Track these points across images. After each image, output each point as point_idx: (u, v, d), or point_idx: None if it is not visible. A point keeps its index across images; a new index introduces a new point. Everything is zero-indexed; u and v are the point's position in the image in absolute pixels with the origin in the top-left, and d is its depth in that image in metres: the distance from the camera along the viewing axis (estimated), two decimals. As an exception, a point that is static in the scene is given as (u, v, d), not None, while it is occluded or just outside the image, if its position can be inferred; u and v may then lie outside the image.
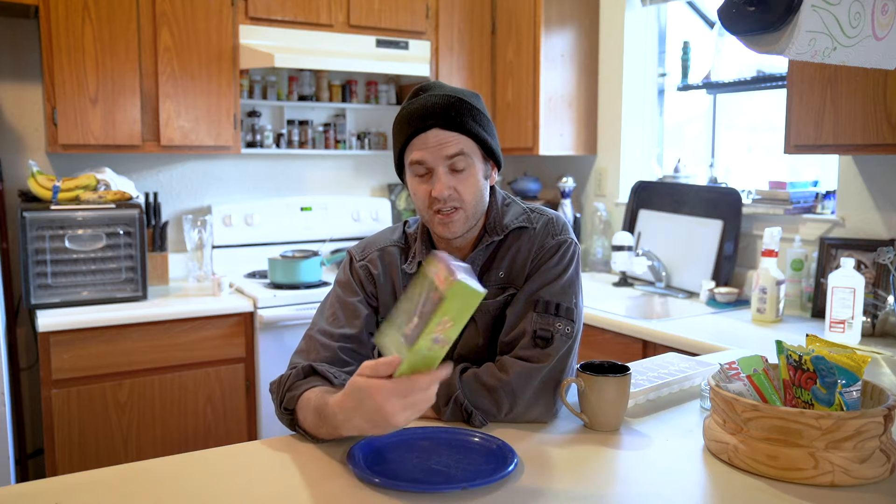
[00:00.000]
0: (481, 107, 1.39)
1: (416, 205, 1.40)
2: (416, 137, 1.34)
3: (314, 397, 1.22)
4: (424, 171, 1.35)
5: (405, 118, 1.36)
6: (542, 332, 1.35)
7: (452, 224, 1.36)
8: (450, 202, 1.34)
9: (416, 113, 1.35)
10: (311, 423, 1.22)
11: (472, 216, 1.38)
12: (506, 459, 1.15)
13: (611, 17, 3.39)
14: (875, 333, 2.26)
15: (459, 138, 1.34)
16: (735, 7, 1.17)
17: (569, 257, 1.42)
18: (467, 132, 1.34)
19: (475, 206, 1.38)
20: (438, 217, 1.36)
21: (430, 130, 1.33)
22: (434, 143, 1.33)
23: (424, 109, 1.34)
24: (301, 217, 3.46)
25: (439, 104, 1.34)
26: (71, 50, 2.69)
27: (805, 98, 2.24)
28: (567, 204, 3.46)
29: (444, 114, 1.33)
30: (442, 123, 1.33)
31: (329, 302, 1.46)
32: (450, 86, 1.41)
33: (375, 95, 3.60)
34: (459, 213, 1.36)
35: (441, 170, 1.34)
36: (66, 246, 2.62)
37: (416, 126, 1.34)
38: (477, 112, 1.37)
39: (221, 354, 2.78)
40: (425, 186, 1.36)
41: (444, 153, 1.33)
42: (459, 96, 1.36)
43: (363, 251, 1.49)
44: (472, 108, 1.36)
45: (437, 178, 1.33)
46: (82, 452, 2.56)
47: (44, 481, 1.15)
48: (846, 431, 1.09)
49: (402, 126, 1.37)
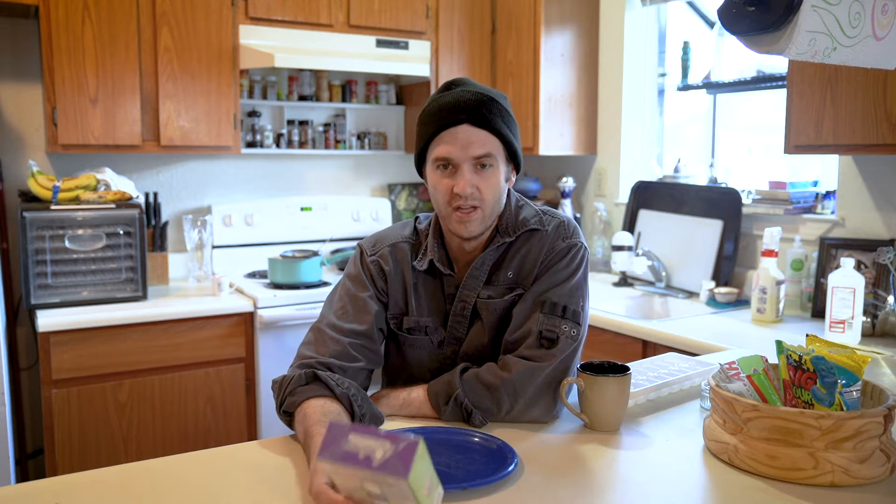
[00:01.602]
0: (509, 108, 1.40)
1: (434, 199, 1.39)
2: (446, 131, 1.34)
3: (311, 414, 1.22)
4: (448, 165, 1.35)
5: (435, 111, 1.36)
6: (547, 333, 1.35)
7: (470, 223, 1.36)
8: (470, 200, 1.34)
9: (448, 106, 1.34)
10: (300, 436, 1.23)
11: (489, 216, 1.38)
12: (506, 459, 1.15)
13: (611, 17, 3.39)
14: (875, 333, 2.26)
15: (488, 138, 1.34)
16: (735, 7, 1.17)
17: (578, 261, 1.42)
18: (496, 132, 1.34)
19: (493, 207, 1.38)
20: (457, 214, 1.35)
21: (460, 126, 1.33)
22: (463, 139, 1.33)
23: (457, 104, 1.33)
24: (301, 217, 3.46)
25: (472, 100, 1.34)
26: (71, 50, 2.69)
27: (805, 98, 2.24)
28: (567, 204, 3.45)
29: (475, 110, 1.33)
30: (473, 120, 1.33)
31: (338, 295, 1.45)
32: (480, 84, 1.41)
33: (375, 95, 3.60)
34: (478, 213, 1.35)
35: (466, 166, 1.33)
36: (66, 246, 2.62)
37: (447, 120, 1.33)
38: (506, 113, 1.37)
39: (221, 354, 2.78)
40: (448, 181, 1.35)
41: (471, 153, 1.33)
42: (491, 95, 1.36)
43: (374, 246, 1.48)
44: (501, 108, 1.36)
45: (462, 175, 1.33)
46: (82, 452, 2.56)
47: (44, 481, 1.15)
48: (846, 431, 1.09)
49: (432, 118, 1.36)
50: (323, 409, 1.22)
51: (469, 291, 1.42)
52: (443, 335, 1.45)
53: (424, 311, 1.45)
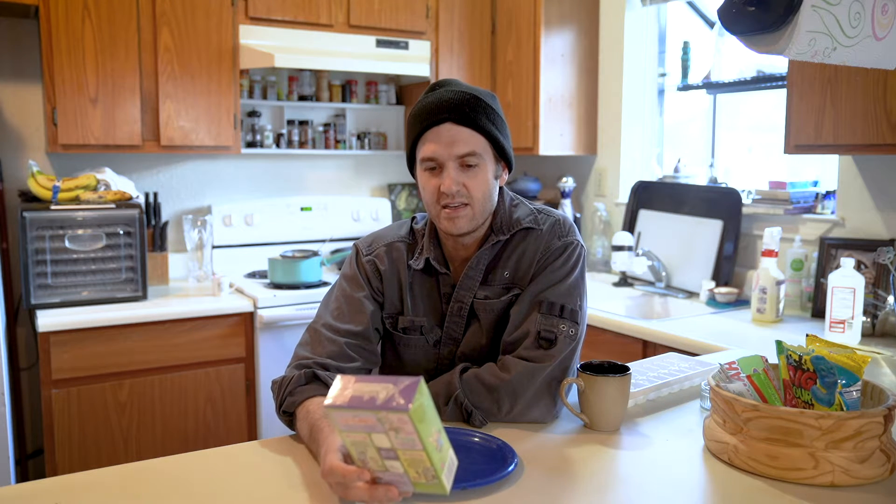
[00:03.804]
0: (496, 107, 1.40)
1: (424, 199, 1.40)
2: (430, 131, 1.35)
3: (314, 410, 1.22)
4: (435, 166, 1.36)
5: (419, 111, 1.37)
6: (546, 333, 1.35)
7: (458, 220, 1.36)
8: (458, 198, 1.34)
9: (430, 106, 1.35)
10: (304, 435, 1.23)
11: (479, 214, 1.38)
12: (506, 459, 1.15)
13: (611, 17, 3.39)
14: (875, 333, 2.26)
15: (472, 136, 1.34)
16: (735, 7, 1.17)
17: (574, 259, 1.42)
18: (480, 129, 1.35)
19: (483, 204, 1.38)
20: (445, 212, 1.36)
21: (443, 124, 1.33)
22: (447, 138, 1.33)
23: (439, 103, 1.35)
24: (301, 217, 3.46)
25: (454, 99, 1.35)
26: (71, 50, 2.69)
27: (805, 98, 2.24)
28: (567, 204, 3.45)
29: (457, 109, 1.34)
30: (455, 118, 1.33)
31: (334, 296, 1.45)
32: (466, 84, 1.41)
33: (375, 95, 3.60)
34: (467, 210, 1.36)
35: (451, 164, 1.34)
36: (66, 246, 2.62)
37: (430, 119, 1.34)
38: (491, 111, 1.38)
39: (221, 354, 2.78)
40: (435, 181, 1.36)
41: (455, 151, 1.33)
42: (475, 94, 1.37)
43: (370, 246, 1.48)
44: (486, 106, 1.37)
45: (447, 173, 1.34)
46: (82, 452, 2.56)
47: (44, 481, 1.15)
48: (846, 431, 1.09)
49: (416, 119, 1.37)
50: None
51: (465, 292, 1.42)
52: (438, 335, 1.45)
53: (420, 310, 1.45)
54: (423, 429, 0.88)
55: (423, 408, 0.89)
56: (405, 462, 0.91)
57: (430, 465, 0.91)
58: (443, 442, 0.93)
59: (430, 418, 0.90)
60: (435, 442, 0.91)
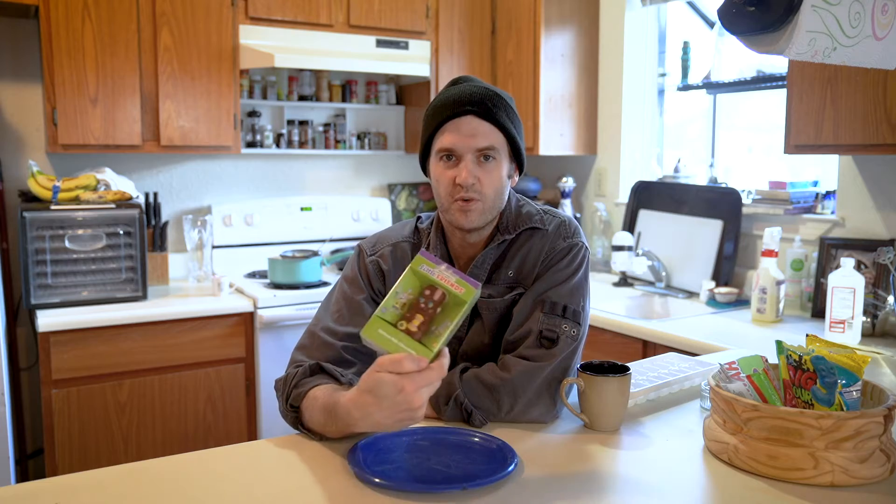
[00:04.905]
0: (514, 108, 1.41)
1: (436, 192, 1.40)
2: (450, 122, 1.35)
3: (322, 395, 1.22)
4: (451, 158, 1.36)
5: (441, 103, 1.37)
6: (548, 333, 1.35)
7: (471, 213, 1.36)
8: (471, 192, 1.35)
9: (453, 98, 1.36)
10: (317, 421, 1.22)
11: (489, 210, 1.38)
12: (506, 459, 1.15)
13: (611, 17, 3.39)
14: (875, 333, 2.26)
15: (492, 131, 1.35)
16: (735, 7, 1.17)
17: (579, 260, 1.42)
18: (500, 126, 1.36)
19: (493, 201, 1.38)
20: (458, 204, 1.36)
21: (464, 117, 1.34)
22: (467, 130, 1.34)
23: (462, 96, 1.35)
24: (301, 217, 3.46)
25: (477, 93, 1.35)
26: (71, 50, 2.69)
27: (805, 98, 2.24)
28: (567, 204, 3.46)
29: (481, 103, 1.34)
30: (478, 111, 1.34)
31: (334, 298, 1.45)
32: (486, 82, 1.43)
33: (375, 95, 3.60)
34: (478, 204, 1.36)
35: (469, 157, 1.34)
36: (66, 246, 2.62)
37: (453, 110, 1.34)
38: (511, 111, 1.39)
39: (221, 354, 2.78)
40: (451, 172, 1.36)
41: (474, 144, 1.34)
42: (498, 91, 1.38)
43: (374, 246, 1.48)
44: (507, 105, 1.38)
45: (464, 165, 1.34)
46: (82, 452, 2.56)
47: (44, 481, 1.15)
48: (846, 431, 1.09)
49: (437, 110, 1.37)
50: (333, 388, 1.22)
51: None
52: None
53: None
54: (464, 311, 1.04)
55: (472, 301, 1.05)
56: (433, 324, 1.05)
57: (442, 337, 1.04)
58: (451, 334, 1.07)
59: (462, 315, 1.06)
60: (454, 329, 1.06)
